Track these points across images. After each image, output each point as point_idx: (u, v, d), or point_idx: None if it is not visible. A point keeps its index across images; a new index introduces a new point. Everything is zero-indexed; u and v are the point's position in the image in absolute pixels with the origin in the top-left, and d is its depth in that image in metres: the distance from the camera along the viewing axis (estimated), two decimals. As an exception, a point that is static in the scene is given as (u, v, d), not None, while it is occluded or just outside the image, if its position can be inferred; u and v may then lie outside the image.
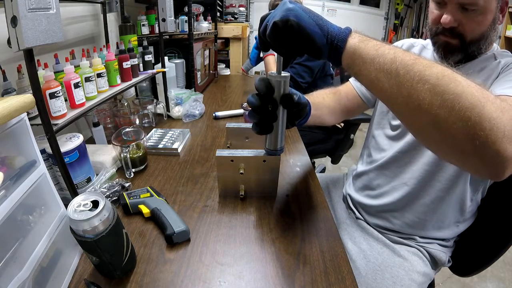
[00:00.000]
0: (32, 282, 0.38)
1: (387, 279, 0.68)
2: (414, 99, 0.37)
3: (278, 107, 0.53)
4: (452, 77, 0.36)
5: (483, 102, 0.35)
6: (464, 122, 0.34)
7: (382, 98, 0.42)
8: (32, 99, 0.44)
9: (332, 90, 0.84)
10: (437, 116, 0.36)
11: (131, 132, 0.81)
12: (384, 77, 0.38)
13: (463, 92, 0.35)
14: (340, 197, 0.94)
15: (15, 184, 0.38)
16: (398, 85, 0.37)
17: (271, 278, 0.47)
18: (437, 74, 0.36)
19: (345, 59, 0.42)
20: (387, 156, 0.75)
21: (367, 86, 0.43)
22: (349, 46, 0.41)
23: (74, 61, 0.74)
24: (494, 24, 0.59)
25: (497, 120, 0.34)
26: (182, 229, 0.53)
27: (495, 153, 0.35)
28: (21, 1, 0.42)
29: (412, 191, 0.70)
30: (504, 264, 1.53)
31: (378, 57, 0.39)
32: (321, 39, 0.41)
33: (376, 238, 0.76)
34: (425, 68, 0.36)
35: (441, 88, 0.35)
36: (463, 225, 0.73)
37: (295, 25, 0.39)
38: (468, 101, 0.34)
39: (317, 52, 0.42)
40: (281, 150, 0.59)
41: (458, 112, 0.34)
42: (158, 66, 1.06)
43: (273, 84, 0.51)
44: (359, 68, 0.41)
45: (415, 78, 0.36)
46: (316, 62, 1.47)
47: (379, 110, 0.82)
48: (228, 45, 2.42)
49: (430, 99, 0.35)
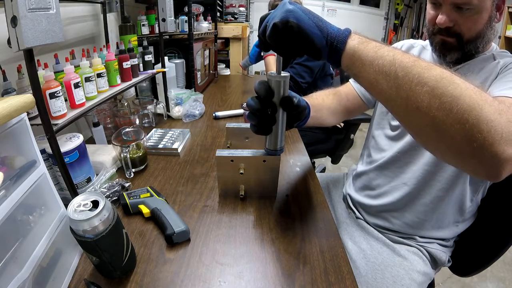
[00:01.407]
0: (32, 282, 0.38)
1: (387, 278, 0.68)
2: (412, 101, 0.37)
3: (278, 109, 0.53)
4: (450, 80, 0.36)
5: (481, 104, 0.35)
6: (462, 125, 0.35)
7: (381, 100, 0.42)
8: (32, 99, 0.44)
9: (332, 91, 0.84)
10: (435, 118, 0.36)
11: (131, 132, 0.81)
12: (383, 79, 0.39)
13: (461, 95, 0.35)
14: (340, 197, 0.94)
15: (15, 184, 0.38)
16: (397, 87, 0.38)
17: (271, 278, 0.47)
18: (436, 77, 0.36)
19: (345, 61, 0.42)
20: (387, 156, 0.75)
21: (366, 88, 0.43)
22: (349, 48, 0.41)
23: (74, 61, 0.74)
24: (491, 22, 0.59)
25: (495, 123, 0.35)
26: (182, 229, 0.53)
27: (492, 155, 0.35)
28: (21, 1, 0.42)
29: (412, 191, 0.70)
30: (504, 264, 1.53)
31: (377, 59, 0.39)
32: (321, 40, 0.41)
33: (376, 238, 0.76)
34: (424, 70, 0.37)
35: (439, 91, 0.35)
36: (463, 225, 0.73)
37: (295, 27, 0.40)
38: (466, 104, 0.35)
39: (316, 53, 0.42)
40: (281, 150, 0.59)
41: (456, 115, 0.35)
42: (158, 66, 1.06)
43: (272, 86, 0.51)
44: (358, 69, 0.41)
45: (414, 81, 0.36)
46: (316, 62, 1.47)
47: (379, 110, 0.82)
48: (228, 45, 2.42)
49: (428, 101, 0.36)
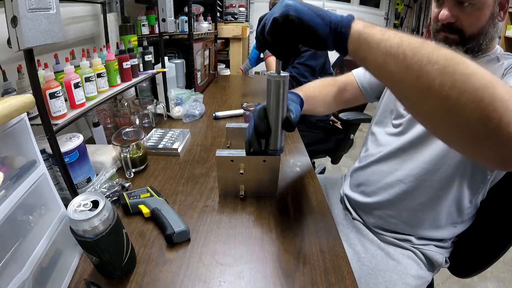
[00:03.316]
0: (32, 282, 0.38)
1: (380, 283, 0.68)
2: (423, 81, 0.35)
3: (278, 112, 0.54)
4: (460, 59, 0.35)
5: (494, 83, 0.33)
6: (476, 103, 0.33)
7: (390, 84, 0.41)
8: (32, 99, 0.44)
9: (330, 81, 0.85)
10: (448, 97, 0.34)
11: (131, 132, 0.81)
12: (391, 61, 0.37)
13: (474, 73, 0.34)
14: (337, 198, 0.93)
15: (15, 184, 0.38)
16: (406, 68, 0.36)
17: (271, 278, 0.47)
18: (446, 56, 0.35)
19: (351, 45, 0.41)
20: (384, 151, 0.75)
21: (374, 72, 0.42)
22: (354, 32, 0.40)
23: (74, 61, 0.74)
24: (493, 19, 0.59)
25: (509, 102, 0.33)
26: (182, 229, 0.53)
27: (510, 137, 0.33)
28: (21, 1, 0.42)
29: (408, 189, 0.70)
30: (504, 264, 1.53)
31: (384, 41, 0.38)
32: (324, 28, 0.41)
33: (371, 240, 0.76)
34: (433, 50, 0.35)
35: (450, 69, 0.34)
36: (461, 226, 0.72)
37: (295, 19, 0.39)
38: (479, 82, 0.33)
39: (321, 43, 0.42)
40: (281, 150, 0.59)
41: (470, 93, 0.33)
42: (158, 66, 1.06)
43: (271, 87, 0.52)
44: (365, 53, 0.40)
45: (424, 60, 0.35)
46: (317, 61, 1.47)
47: (382, 109, 0.82)
48: (228, 45, 2.42)
49: (440, 80, 0.34)
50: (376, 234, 0.77)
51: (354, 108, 1.26)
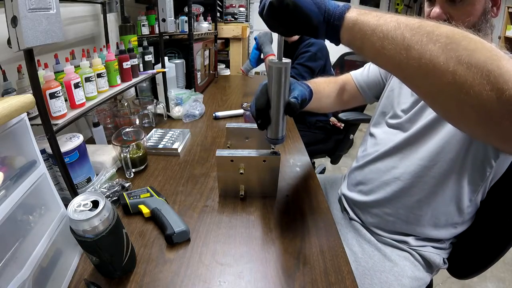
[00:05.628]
0: (32, 282, 0.38)
1: (375, 284, 0.68)
2: (427, 59, 0.34)
3: (280, 99, 0.52)
4: (463, 34, 0.34)
5: (499, 56, 0.32)
6: (486, 76, 0.32)
7: (392, 69, 0.40)
8: (32, 99, 0.44)
9: (332, 79, 0.86)
10: (456, 73, 0.33)
11: (131, 132, 0.81)
12: (390, 44, 0.37)
13: (477, 48, 0.33)
14: (336, 198, 0.93)
15: (15, 184, 0.38)
16: (406, 49, 0.35)
17: (271, 278, 0.47)
18: (447, 33, 0.34)
19: (344, 36, 0.41)
20: (381, 150, 0.75)
21: (373, 59, 0.41)
22: (347, 22, 0.40)
23: (74, 61, 0.74)
24: (485, 15, 0.59)
25: None
26: (182, 229, 0.53)
27: None
28: (21, 1, 0.42)
29: (405, 186, 0.69)
30: (504, 264, 1.53)
31: (380, 26, 0.37)
32: (318, 17, 0.40)
33: (368, 241, 0.76)
34: (432, 28, 0.35)
35: (453, 45, 0.33)
36: (461, 227, 0.72)
37: (290, 4, 0.39)
38: (484, 56, 0.32)
39: (313, 30, 0.41)
40: (283, 139, 0.57)
41: (477, 67, 0.32)
42: (158, 66, 1.06)
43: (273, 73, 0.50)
44: (361, 41, 0.39)
45: (424, 40, 0.34)
46: (316, 63, 1.47)
47: (379, 110, 0.82)
48: (228, 46, 2.41)
49: (445, 56, 0.33)
50: (374, 235, 0.77)
51: (354, 109, 1.26)
